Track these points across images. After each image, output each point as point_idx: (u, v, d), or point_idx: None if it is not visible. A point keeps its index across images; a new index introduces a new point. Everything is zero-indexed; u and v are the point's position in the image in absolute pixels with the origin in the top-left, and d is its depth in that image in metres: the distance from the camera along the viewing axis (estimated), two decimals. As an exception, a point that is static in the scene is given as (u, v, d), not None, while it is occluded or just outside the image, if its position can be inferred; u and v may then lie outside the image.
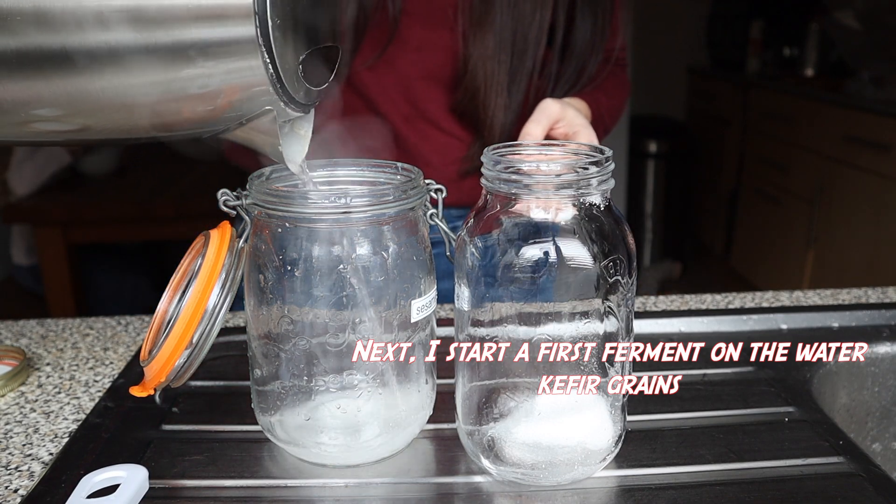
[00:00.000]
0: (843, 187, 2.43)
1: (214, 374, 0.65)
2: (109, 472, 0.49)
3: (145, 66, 0.39)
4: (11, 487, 0.50)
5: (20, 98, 0.40)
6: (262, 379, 0.52)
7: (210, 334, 0.46)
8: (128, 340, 0.74)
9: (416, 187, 0.50)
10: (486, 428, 0.50)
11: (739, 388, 0.62)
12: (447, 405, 0.55)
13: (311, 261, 0.48)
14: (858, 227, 2.37)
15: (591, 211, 0.46)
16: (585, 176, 0.45)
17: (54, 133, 0.45)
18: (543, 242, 0.46)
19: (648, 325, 0.73)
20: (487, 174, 0.47)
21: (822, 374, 0.67)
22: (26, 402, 0.62)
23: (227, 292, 0.47)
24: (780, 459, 0.52)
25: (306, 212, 0.47)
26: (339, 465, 0.52)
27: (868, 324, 0.74)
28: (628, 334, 0.49)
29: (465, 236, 0.49)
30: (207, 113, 0.43)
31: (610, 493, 0.49)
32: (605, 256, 0.46)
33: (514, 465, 0.50)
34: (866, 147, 2.30)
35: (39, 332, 0.76)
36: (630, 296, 0.48)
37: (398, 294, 0.50)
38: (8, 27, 0.38)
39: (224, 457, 0.53)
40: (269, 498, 0.49)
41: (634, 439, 0.55)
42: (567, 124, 0.70)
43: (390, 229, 0.49)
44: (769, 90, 2.97)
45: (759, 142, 3.01)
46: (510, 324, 0.47)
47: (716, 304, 0.81)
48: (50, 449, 0.55)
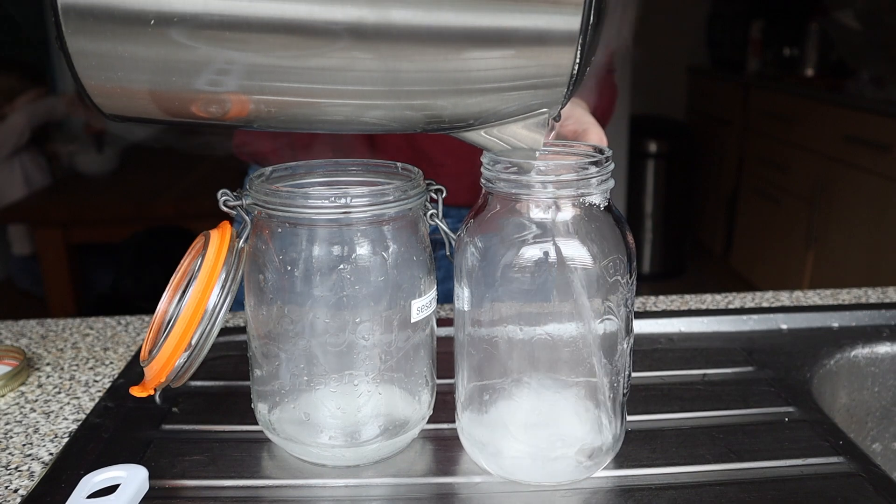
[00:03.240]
0: (843, 187, 2.43)
1: (214, 374, 0.65)
2: (109, 472, 0.49)
3: (461, 48, 0.38)
4: (11, 487, 0.50)
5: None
6: (263, 379, 0.52)
7: (210, 335, 0.46)
8: (128, 340, 0.74)
9: (416, 187, 0.50)
10: (486, 428, 0.50)
11: (739, 388, 0.62)
12: (447, 405, 0.55)
13: (312, 261, 0.48)
14: (858, 227, 2.37)
15: (591, 211, 0.46)
16: (585, 176, 0.45)
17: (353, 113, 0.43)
18: (543, 242, 0.46)
19: (648, 325, 0.73)
20: (487, 174, 0.47)
21: (822, 374, 0.67)
22: (26, 402, 0.62)
23: (227, 293, 0.47)
24: (780, 459, 0.52)
25: (306, 212, 0.47)
26: (338, 465, 0.52)
27: (868, 324, 0.74)
28: (628, 334, 0.49)
29: (465, 236, 0.49)
30: (485, 103, 0.42)
31: (610, 493, 0.49)
32: (605, 256, 0.46)
33: (514, 466, 0.50)
34: (866, 147, 2.30)
35: (39, 332, 0.76)
36: (630, 296, 0.48)
37: (398, 294, 0.50)
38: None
39: (224, 457, 0.53)
40: (269, 498, 0.49)
41: (634, 439, 0.55)
42: (576, 122, 0.70)
43: (390, 229, 0.49)
44: (769, 90, 2.97)
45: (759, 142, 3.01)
46: (510, 324, 0.47)
47: (716, 304, 0.81)
48: (50, 449, 0.55)
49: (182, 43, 0.38)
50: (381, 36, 0.38)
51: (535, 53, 0.39)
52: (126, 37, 0.38)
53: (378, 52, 0.39)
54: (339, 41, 0.38)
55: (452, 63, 0.39)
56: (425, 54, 0.39)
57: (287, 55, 0.39)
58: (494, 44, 0.39)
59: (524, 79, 0.41)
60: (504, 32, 0.38)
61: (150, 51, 0.39)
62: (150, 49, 0.39)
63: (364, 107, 0.43)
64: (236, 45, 0.38)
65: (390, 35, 0.38)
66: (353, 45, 0.38)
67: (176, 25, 0.37)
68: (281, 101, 0.42)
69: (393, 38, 0.38)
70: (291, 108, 0.43)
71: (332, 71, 0.40)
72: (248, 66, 0.40)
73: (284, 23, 0.38)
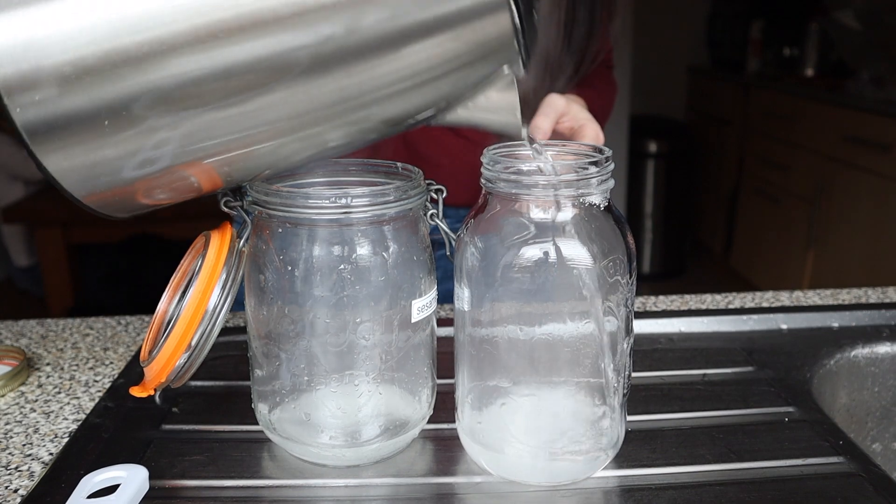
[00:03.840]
0: (843, 187, 2.43)
1: (214, 374, 0.65)
2: (109, 472, 0.49)
3: (406, 47, 0.39)
4: (11, 487, 0.50)
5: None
6: (263, 379, 0.52)
7: (210, 335, 0.46)
8: (128, 340, 0.74)
9: (416, 187, 0.50)
10: (485, 428, 0.50)
11: (739, 388, 0.62)
12: (447, 405, 0.55)
13: (312, 261, 0.48)
14: (858, 227, 2.37)
15: (591, 211, 0.46)
16: (585, 176, 0.45)
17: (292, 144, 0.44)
18: (543, 242, 0.46)
19: (648, 325, 0.73)
20: (487, 174, 0.47)
21: (822, 374, 0.67)
22: (26, 402, 0.62)
23: (228, 293, 0.47)
24: (780, 459, 0.52)
25: (307, 212, 0.47)
26: (339, 465, 0.52)
27: (868, 324, 0.74)
28: (628, 334, 0.49)
29: (465, 236, 0.49)
30: (441, 85, 0.42)
31: (610, 493, 0.49)
32: (605, 256, 0.46)
33: (514, 466, 0.50)
34: (866, 147, 2.30)
35: (39, 332, 0.76)
36: (630, 296, 0.48)
37: (398, 294, 0.50)
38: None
39: (224, 457, 0.53)
40: (269, 498, 0.49)
41: (634, 439, 0.55)
42: (572, 118, 0.70)
43: (391, 229, 0.49)
44: (769, 90, 2.97)
45: (759, 142, 3.01)
46: (510, 324, 0.47)
47: (716, 304, 0.81)
48: (50, 449, 0.55)
49: (141, 118, 0.38)
50: (331, 60, 0.39)
51: (471, 27, 0.40)
52: (91, 137, 0.39)
53: (332, 75, 0.39)
54: (295, 68, 0.39)
55: (402, 62, 0.40)
56: (373, 64, 0.39)
57: (238, 96, 0.39)
58: (433, 33, 0.39)
59: (472, 51, 0.41)
60: (438, 20, 0.39)
61: (118, 142, 0.39)
62: (118, 141, 0.39)
63: (333, 128, 0.43)
64: (194, 102, 0.39)
65: (338, 56, 0.39)
66: (313, 70, 0.39)
67: (128, 107, 0.38)
68: (249, 145, 0.43)
69: (340, 58, 0.39)
70: (261, 153, 0.44)
71: (297, 101, 0.40)
72: (213, 119, 0.40)
73: (231, 65, 0.38)
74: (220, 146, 0.41)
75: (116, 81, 0.37)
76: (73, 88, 0.37)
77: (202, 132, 0.40)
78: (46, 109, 0.37)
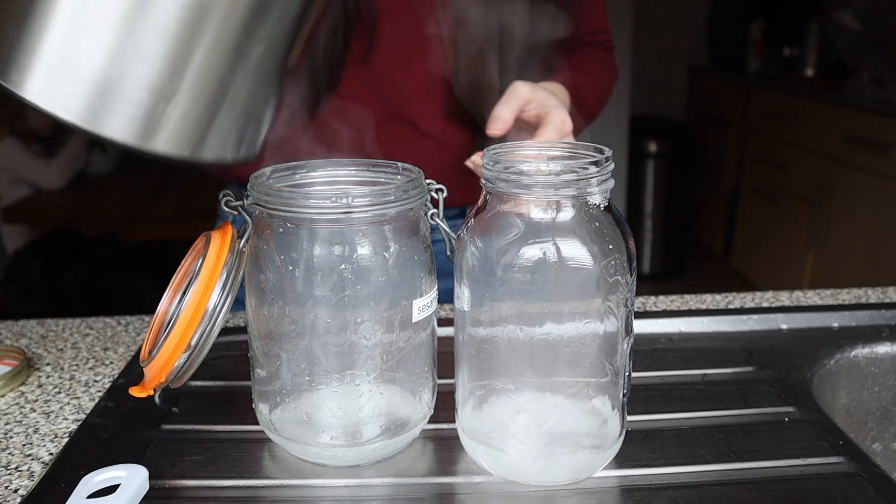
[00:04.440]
0: (843, 187, 2.43)
1: (214, 374, 0.65)
2: (109, 472, 0.49)
3: None
4: (11, 487, 0.50)
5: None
6: (264, 379, 0.52)
7: (210, 335, 0.46)
8: (128, 340, 0.74)
9: (417, 187, 0.50)
10: (486, 428, 0.50)
11: (739, 388, 0.62)
12: (447, 405, 0.55)
13: (313, 260, 0.48)
14: (858, 227, 2.37)
15: (591, 211, 0.46)
16: (585, 176, 0.45)
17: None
18: (543, 242, 0.46)
19: (648, 325, 0.73)
20: (487, 174, 0.47)
21: (822, 374, 0.67)
22: (26, 402, 0.62)
23: (228, 293, 0.47)
24: (780, 459, 0.52)
25: (307, 212, 0.47)
26: (339, 465, 0.52)
27: (868, 324, 0.74)
28: (628, 334, 0.49)
29: (465, 236, 0.49)
30: None
31: (610, 493, 0.49)
32: (605, 256, 0.46)
33: (514, 465, 0.50)
34: (866, 147, 2.30)
35: (39, 332, 0.76)
36: (630, 296, 0.48)
37: (399, 294, 0.50)
38: None
39: (224, 457, 0.53)
40: (269, 498, 0.49)
41: (634, 439, 0.55)
42: (538, 105, 0.69)
43: (391, 229, 0.49)
44: (769, 90, 2.97)
45: (759, 142, 3.01)
46: (510, 324, 0.47)
47: (716, 304, 0.81)
48: (50, 449, 0.55)
49: None
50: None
51: None
52: None
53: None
54: None
55: None
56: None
57: None
58: None
59: None
60: None
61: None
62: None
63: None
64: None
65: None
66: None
67: None
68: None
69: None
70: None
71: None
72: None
73: None
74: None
75: None
76: None
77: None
78: None
